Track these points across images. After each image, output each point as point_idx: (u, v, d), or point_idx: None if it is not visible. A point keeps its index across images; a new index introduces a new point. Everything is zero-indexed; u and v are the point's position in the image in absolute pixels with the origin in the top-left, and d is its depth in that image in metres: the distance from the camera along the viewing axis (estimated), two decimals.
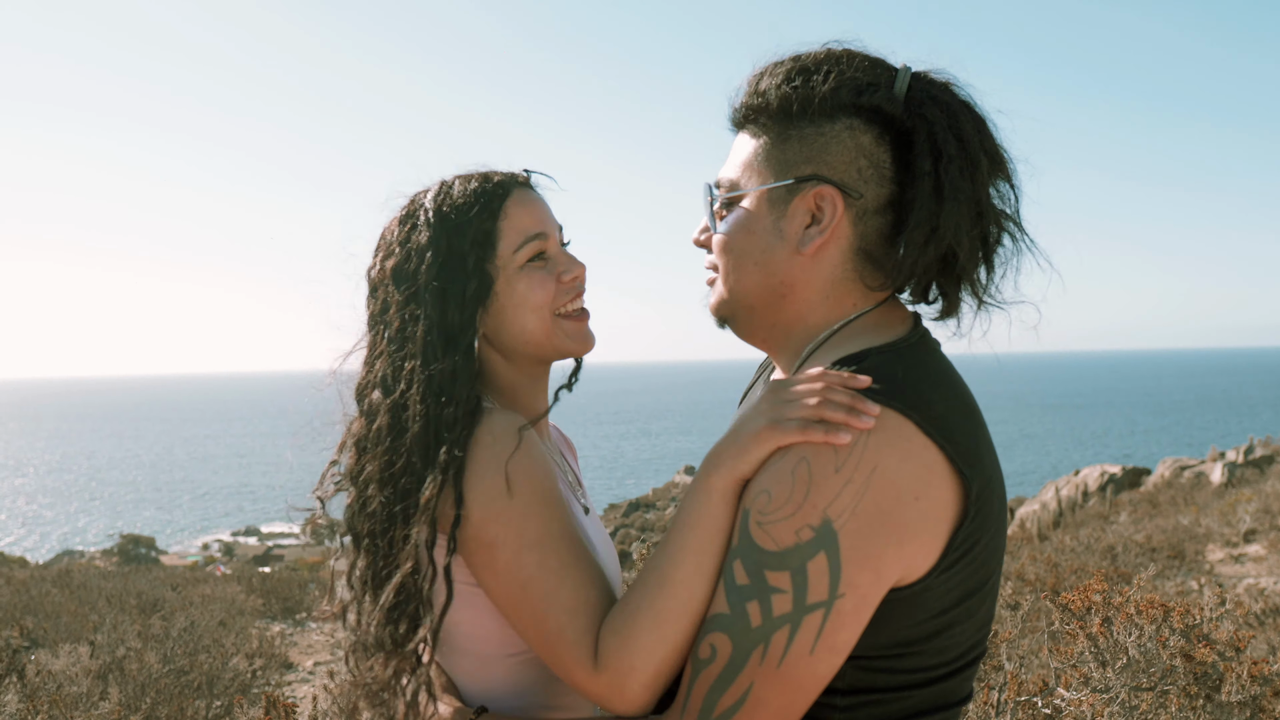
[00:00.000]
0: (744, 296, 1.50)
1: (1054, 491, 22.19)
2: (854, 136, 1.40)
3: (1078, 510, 20.31)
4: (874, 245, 1.43)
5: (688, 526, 1.37)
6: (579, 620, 1.44)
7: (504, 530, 1.49)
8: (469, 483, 1.51)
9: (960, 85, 1.42)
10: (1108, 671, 3.16)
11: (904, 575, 1.28)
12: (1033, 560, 11.42)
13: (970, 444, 1.32)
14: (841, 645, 1.27)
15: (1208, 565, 11.91)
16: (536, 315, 1.68)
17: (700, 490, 1.37)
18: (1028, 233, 1.45)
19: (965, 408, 1.37)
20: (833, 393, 1.29)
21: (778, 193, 1.44)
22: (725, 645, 1.29)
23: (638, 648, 1.36)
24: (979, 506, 1.30)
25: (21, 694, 5.25)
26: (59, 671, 5.67)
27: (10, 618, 11.54)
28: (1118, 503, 19.76)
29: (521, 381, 1.75)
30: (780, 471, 1.29)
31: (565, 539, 1.51)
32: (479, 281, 1.64)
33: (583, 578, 1.48)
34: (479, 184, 1.70)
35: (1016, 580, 10.05)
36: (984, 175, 1.38)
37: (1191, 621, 3.24)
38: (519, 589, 1.48)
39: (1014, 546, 15.10)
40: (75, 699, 5.27)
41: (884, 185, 1.40)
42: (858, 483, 1.25)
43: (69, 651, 6.21)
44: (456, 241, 1.65)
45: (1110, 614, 3.25)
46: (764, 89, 1.44)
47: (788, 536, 1.26)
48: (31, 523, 57.95)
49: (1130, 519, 16.84)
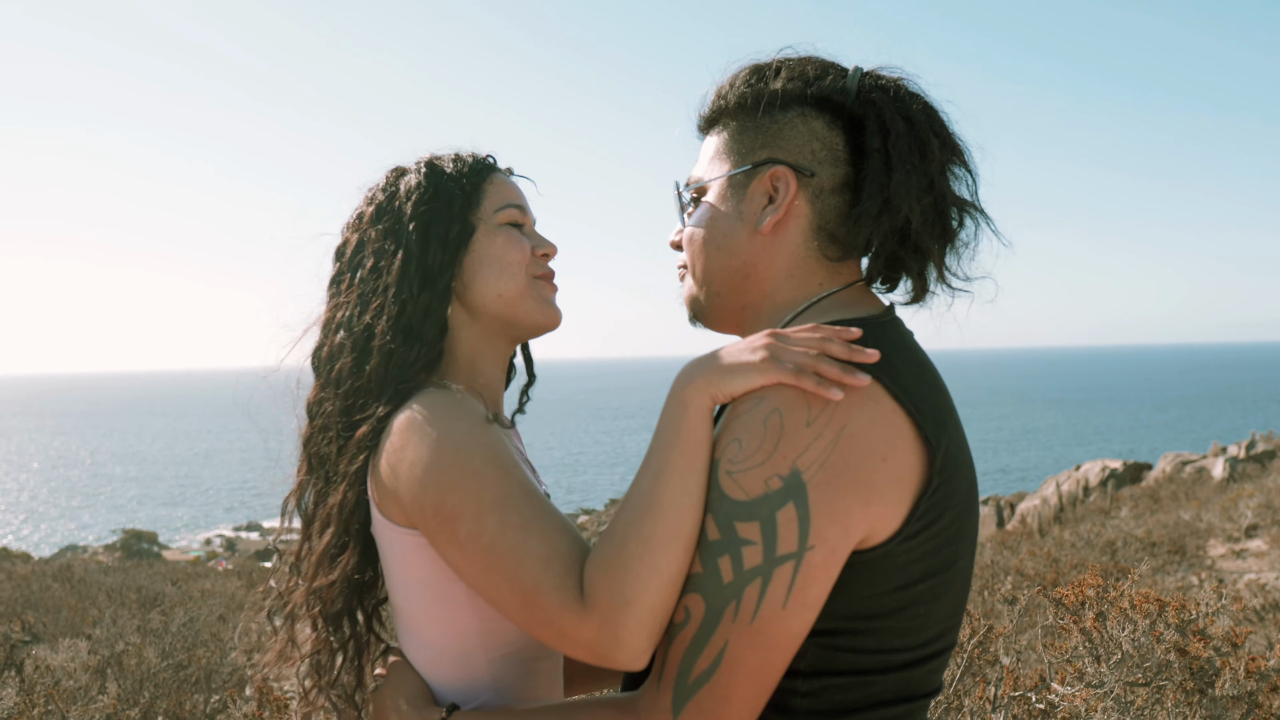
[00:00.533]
0: (710, 281, 1.56)
1: (1055, 487, 22.20)
2: (806, 122, 1.48)
3: (1079, 505, 20.32)
4: (834, 224, 1.48)
5: (668, 445, 1.32)
6: (555, 566, 1.36)
7: (460, 498, 1.43)
8: (419, 461, 1.47)
9: (911, 79, 1.50)
10: (1102, 667, 3.15)
11: (868, 536, 1.28)
12: (1032, 555, 11.42)
13: (939, 416, 1.35)
14: (813, 600, 1.27)
15: (1209, 560, 11.91)
16: (511, 272, 1.68)
17: (677, 404, 1.34)
18: (988, 216, 1.51)
19: (934, 386, 1.39)
20: (831, 345, 1.31)
21: (737, 179, 1.52)
22: (698, 605, 1.28)
23: (629, 578, 1.27)
24: (944, 477, 1.32)
25: (20, 688, 5.25)
26: (57, 666, 5.68)
27: (12, 612, 11.57)
28: (1119, 498, 19.77)
29: (483, 350, 1.72)
30: (752, 420, 1.29)
31: (525, 495, 1.44)
32: (461, 226, 1.66)
33: (549, 527, 1.41)
34: (469, 156, 1.75)
35: (1016, 575, 10.04)
36: (935, 154, 1.44)
37: (1187, 616, 3.23)
38: (486, 553, 1.41)
39: (1014, 541, 15.12)
40: (73, 693, 5.27)
41: (838, 166, 1.47)
42: (827, 438, 1.26)
43: (68, 646, 6.22)
44: (445, 186, 1.67)
45: (1104, 609, 3.24)
46: (724, 93, 1.55)
47: (757, 485, 1.26)
48: (35, 518, 58.09)
49: (1131, 514, 16.84)
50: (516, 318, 1.70)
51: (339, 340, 1.63)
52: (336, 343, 1.64)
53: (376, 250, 1.65)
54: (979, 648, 3.64)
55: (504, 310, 1.69)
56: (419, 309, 1.60)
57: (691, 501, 1.30)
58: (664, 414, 1.36)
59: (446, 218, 1.65)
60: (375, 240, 1.66)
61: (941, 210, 1.46)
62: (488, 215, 1.70)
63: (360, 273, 1.65)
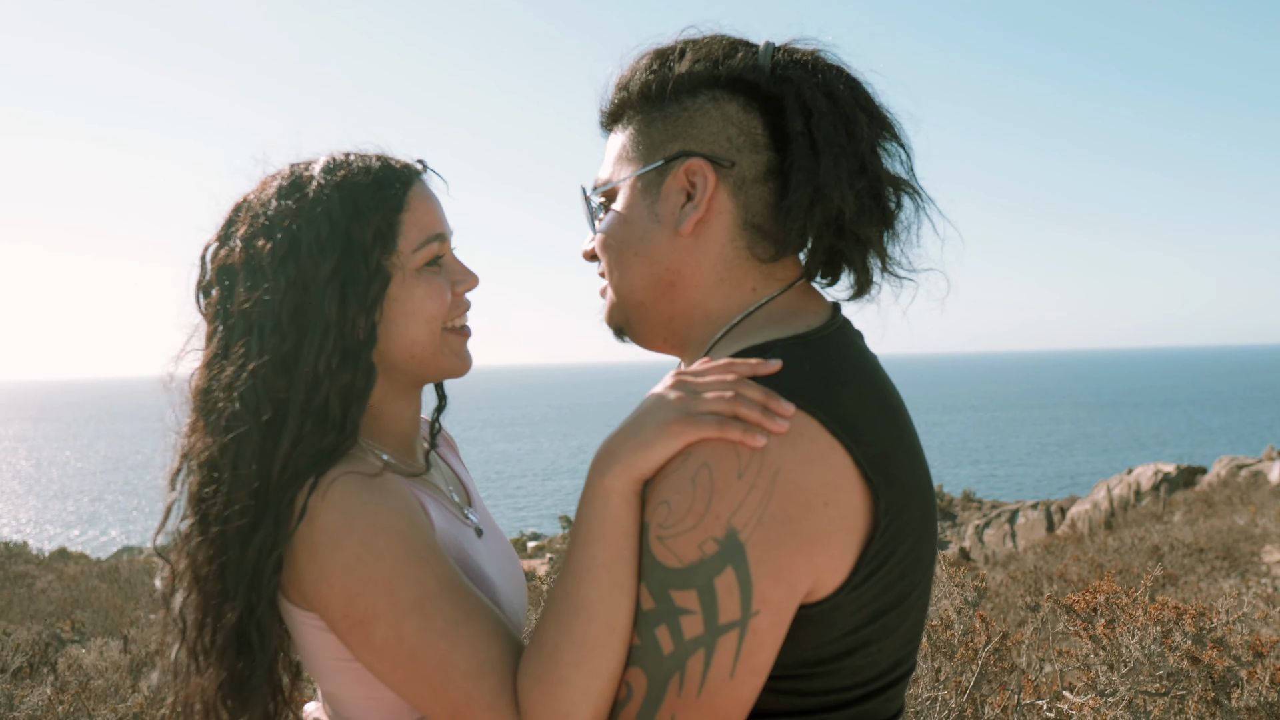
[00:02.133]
0: (631, 292, 1.41)
1: (1105, 491, 21.76)
2: (718, 106, 1.35)
3: (1130, 510, 19.90)
4: (762, 217, 1.35)
5: (592, 538, 1.20)
6: (486, 681, 1.25)
7: (373, 601, 1.29)
8: (321, 556, 1.31)
9: (828, 50, 1.37)
10: (1114, 675, 3.06)
11: (814, 589, 1.18)
12: (1076, 561, 11.19)
13: (884, 447, 1.22)
14: (762, 666, 1.17)
15: (1264, 566, 11.58)
16: (427, 327, 1.48)
17: (597, 495, 1.22)
18: (927, 195, 1.38)
19: (882, 406, 1.27)
20: (745, 386, 1.18)
21: (648, 177, 1.38)
22: (640, 680, 1.19)
23: (568, 691, 1.18)
24: (892, 516, 1.21)
25: (54, 686, 5.36)
26: (89, 665, 5.79)
27: (62, 611, 11.84)
28: (1172, 502, 19.32)
29: (390, 400, 1.53)
30: (680, 479, 1.18)
31: (448, 593, 1.31)
32: (381, 281, 1.43)
33: (479, 632, 1.29)
34: (380, 166, 1.49)
35: (1059, 581, 9.85)
36: (864, 130, 1.31)
37: (1206, 625, 3.13)
38: (407, 662, 1.28)
39: (1060, 546, 14.83)
40: (104, 691, 5.37)
41: (759, 152, 1.34)
42: (761, 488, 1.15)
43: (100, 645, 6.34)
44: (358, 230, 1.42)
45: (1115, 616, 3.15)
46: (625, 83, 1.41)
47: (691, 551, 1.15)
48: (95, 520, 59.40)
49: (1184, 519, 16.44)
50: (425, 371, 1.53)
51: (235, 409, 1.38)
52: (233, 410, 1.39)
53: (278, 307, 1.40)
54: (994, 655, 3.57)
55: (413, 366, 1.51)
56: (339, 391, 1.40)
57: (624, 593, 1.20)
58: (583, 506, 1.24)
59: (364, 274, 1.42)
60: (275, 297, 1.40)
61: (878, 193, 1.33)
62: (405, 256, 1.47)
63: (259, 330, 1.40)
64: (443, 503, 1.56)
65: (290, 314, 1.40)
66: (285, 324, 1.40)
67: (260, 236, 1.43)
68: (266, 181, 1.49)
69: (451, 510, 1.57)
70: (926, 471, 1.33)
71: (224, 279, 1.45)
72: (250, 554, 1.33)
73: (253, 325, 1.41)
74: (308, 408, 1.38)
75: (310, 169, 1.48)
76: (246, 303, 1.42)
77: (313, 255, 1.41)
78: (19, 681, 5.39)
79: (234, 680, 1.39)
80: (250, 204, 1.48)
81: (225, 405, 1.39)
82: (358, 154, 1.51)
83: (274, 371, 1.39)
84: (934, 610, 4.52)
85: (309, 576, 1.32)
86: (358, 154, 1.51)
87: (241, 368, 1.40)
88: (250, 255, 1.43)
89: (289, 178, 1.48)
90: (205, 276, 1.49)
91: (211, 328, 1.46)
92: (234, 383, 1.40)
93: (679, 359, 1.48)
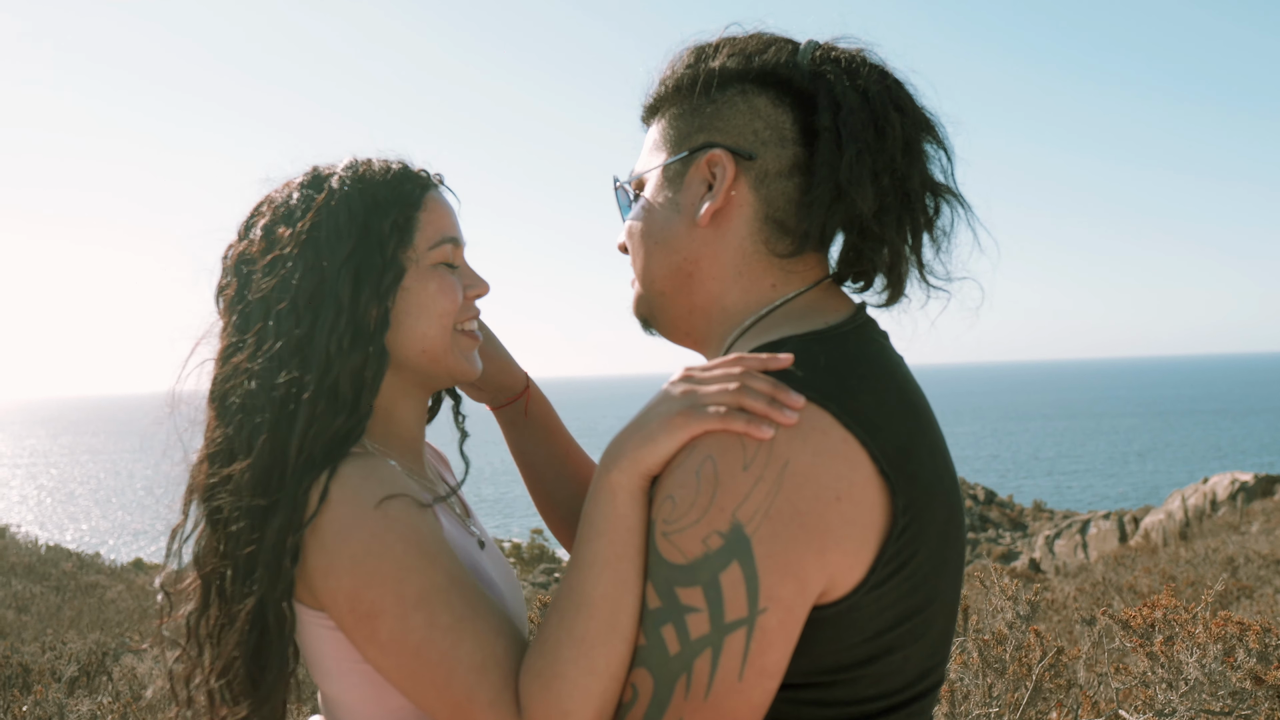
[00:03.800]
0: (653, 281, 1.42)
1: (1180, 501, 21.12)
2: (747, 100, 1.34)
3: (1205, 520, 19.27)
4: (784, 213, 1.33)
5: (597, 534, 1.19)
6: (490, 676, 1.25)
7: (380, 594, 1.29)
8: (330, 548, 1.31)
9: (871, 50, 1.34)
10: (1173, 693, 2.91)
11: (829, 588, 1.13)
12: (1147, 573, 10.84)
13: (902, 444, 1.17)
14: (772, 667, 1.13)
15: None
16: (439, 323, 1.50)
17: (603, 490, 1.21)
18: (965, 201, 1.34)
19: (902, 403, 1.22)
20: (751, 378, 1.16)
21: (673, 167, 1.39)
22: (646, 681, 1.15)
23: (569, 686, 1.17)
24: (912, 515, 1.16)
25: (109, 695, 5.45)
26: (143, 673, 5.88)
27: (130, 621, 12.12)
28: (1249, 512, 18.66)
29: (399, 402, 1.55)
30: (685, 472, 1.15)
31: (455, 589, 1.31)
32: (395, 272, 1.46)
33: (484, 628, 1.28)
34: (400, 169, 1.54)
35: (1129, 593, 9.54)
36: (895, 129, 1.28)
37: (1272, 642, 2.96)
38: (412, 658, 1.28)
39: (1131, 557, 14.41)
40: (159, 703, 5.44)
41: (785, 147, 1.32)
42: (769, 480, 1.11)
43: (155, 655, 6.44)
44: (375, 220, 1.46)
45: (1174, 632, 2.99)
46: (665, 78, 1.43)
47: (695, 546, 1.12)
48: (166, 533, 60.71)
49: (1262, 529, 15.87)
50: (436, 372, 1.54)
51: (251, 389, 1.41)
52: (248, 391, 1.41)
53: (295, 292, 1.42)
54: (1049, 671, 3.43)
55: (424, 363, 1.52)
56: (351, 374, 1.41)
57: (627, 591, 1.18)
58: (590, 502, 1.23)
59: (379, 260, 1.44)
60: (287, 265, 1.43)
61: (906, 193, 1.29)
62: (421, 253, 1.50)
63: (273, 314, 1.42)
64: (448, 511, 1.56)
65: (307, 298, 1.42)
66: (301, 307, 1.42)
67: (281, 224, 1.47)
68: (289, 182, 1.54)
69: (456, 518, 1.57)
70: (953, 474, 1.28)
71: (242, 268, 1.48)
72: (269, 539, 1.33)
73: (270, 309, 1.43)
74: (320, 388, 1.40)
75: (332, 168, 1.53)
76: (264, 288, 1.44)
77: (330, 241, 1.44)
78: (74, 691, 5.49)
79: (249, 672, 1.38)
80: (272, 198, 1.53)
81: (241, 389, 1.42)
82: (378, 157, 1.55)
83: (289, 354, 1.41)
84: (987, 625, 4.39)
85: (318, 569, 1.33)
86: (378, 157, 1.55)
87: (256, 351, 1.42)
88: (270, 243, 1.47)
89: (311, 175, 1.53)
90: (225, 275, 1.52)
91: (227, 319, 1.49)
92: (249, 367, 1.42)
93: (702, 357, 1.46)
